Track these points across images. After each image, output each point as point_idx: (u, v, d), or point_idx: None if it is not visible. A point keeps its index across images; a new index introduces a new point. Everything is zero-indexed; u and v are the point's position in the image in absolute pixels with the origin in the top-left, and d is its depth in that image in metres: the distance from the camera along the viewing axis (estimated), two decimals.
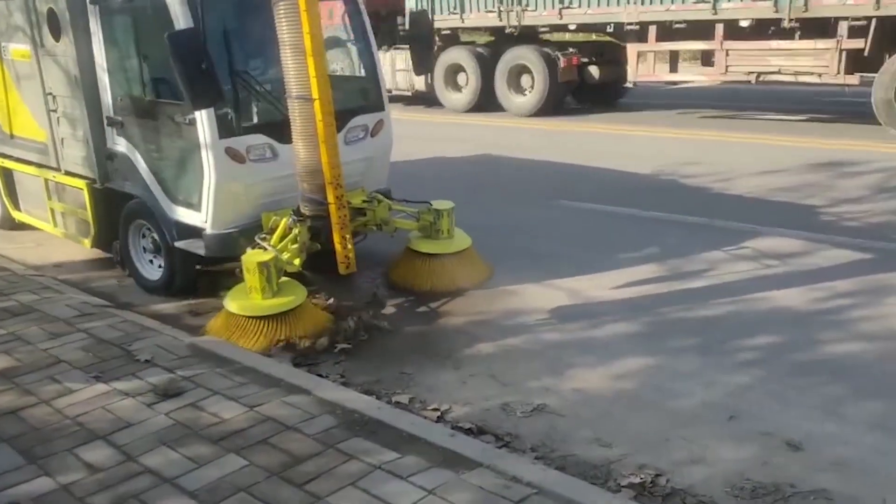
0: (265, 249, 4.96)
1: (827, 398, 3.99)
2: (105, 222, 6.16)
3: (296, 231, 5.12)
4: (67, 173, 6.32)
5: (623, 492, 3.25)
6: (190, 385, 4.08)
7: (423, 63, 6.25)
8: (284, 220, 5.15)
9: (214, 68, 4.60)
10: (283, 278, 4.99)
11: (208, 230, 5.30)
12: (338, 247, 5.21)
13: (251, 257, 4.81)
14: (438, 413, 3.96)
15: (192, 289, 5.81)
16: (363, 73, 6.19)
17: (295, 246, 5.11)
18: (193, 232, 5.42)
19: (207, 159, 5.06)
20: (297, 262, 5.11)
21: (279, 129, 5.23)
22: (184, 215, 5.45)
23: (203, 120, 4.97)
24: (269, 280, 4.75)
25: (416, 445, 3.43)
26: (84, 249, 6.55)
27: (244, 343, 4.70)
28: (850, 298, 5.25)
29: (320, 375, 4.33)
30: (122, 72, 5.66)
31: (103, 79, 5.70)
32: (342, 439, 3.49)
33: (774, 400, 4.00)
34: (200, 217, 5.31)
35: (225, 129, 5.07)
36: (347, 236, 5.22)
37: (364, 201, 5.63)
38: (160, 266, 5.88)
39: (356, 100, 6.07)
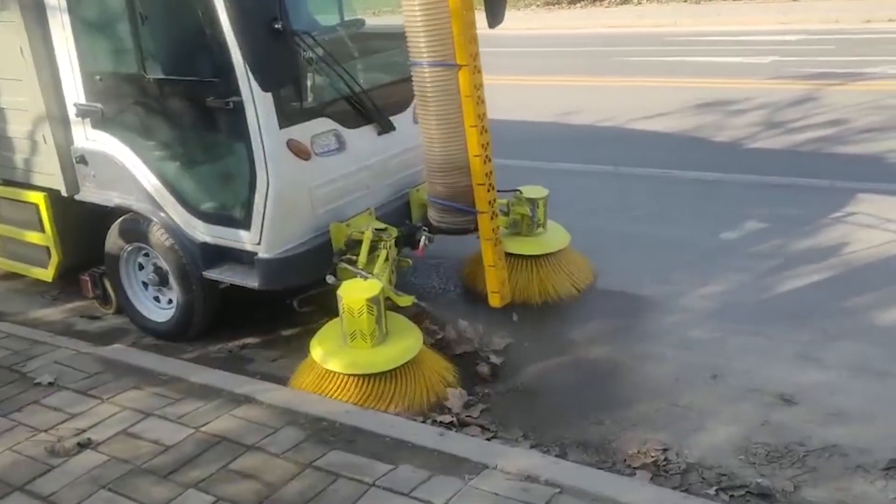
0: (362, 277, 3.75)
1: (799, 344, 3.92)
2: (73, 246, 4.80)
3: (384, 247, 4.01)
4: (7, 183, 4.93)
5: (639, 474, 3.01)
6: (114, 408, 3.47)
7: (497, 13, 4.94)
8: (368, 232, 4.00)
9: (290, 33, 3.49)
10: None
11: (262, 254, 3.93)
12: (489, 271, 4.08)
13: (353, 293, 3.51)
14: None
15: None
16: None
17: (387, 265, 3.96)
18: (228, 256, 4.14)
19: (262, 157, 3.74)
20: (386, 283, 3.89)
21: (345, 110, 4.13)
22: (217, 235, 4.08)
23: (255, 103, 3.64)
24: (378, 321, 3.55)
25: (404, 451, 3.03)
26: None
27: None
28: (789, 237, 5.24)
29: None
30: (100, 42, 4.26)
31: (67, 53, 4.26)
32: (318, 455, 3.03)
33: (749, 352, 3.89)
34: (249, 237, 3.94)
35: (286, 114, 3.78)
36: (502, 255, 4.14)
37: None
38: (170, 302, 4.47)
39: None
